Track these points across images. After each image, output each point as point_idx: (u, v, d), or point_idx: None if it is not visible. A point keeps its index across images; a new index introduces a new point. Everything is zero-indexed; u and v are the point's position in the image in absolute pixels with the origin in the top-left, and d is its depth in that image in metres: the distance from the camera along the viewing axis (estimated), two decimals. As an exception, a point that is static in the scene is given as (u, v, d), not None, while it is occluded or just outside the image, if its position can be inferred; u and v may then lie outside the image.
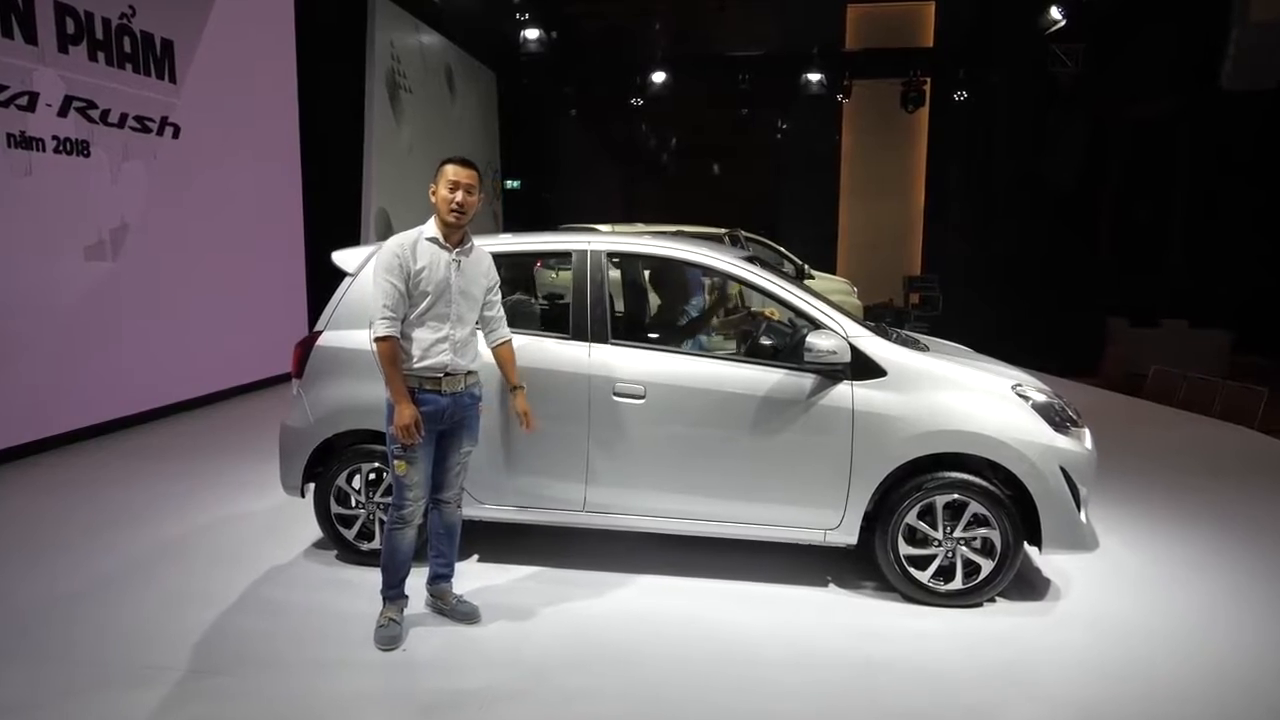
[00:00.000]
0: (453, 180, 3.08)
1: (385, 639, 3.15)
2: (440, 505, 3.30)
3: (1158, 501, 4.96)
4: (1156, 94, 12.73)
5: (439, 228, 3.11)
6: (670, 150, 16.61)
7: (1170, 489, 5.22)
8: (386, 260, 3.01)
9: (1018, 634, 3.33)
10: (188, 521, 4.46)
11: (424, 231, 3.11)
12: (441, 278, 3.07)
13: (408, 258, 3.01)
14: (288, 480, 3.91)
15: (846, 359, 3.41)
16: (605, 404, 3.60)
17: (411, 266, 3.01)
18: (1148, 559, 4.12)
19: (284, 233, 8.64)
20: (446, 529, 3.34)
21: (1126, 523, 4.56)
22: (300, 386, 3.88)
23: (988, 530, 3.46)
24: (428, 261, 3.04)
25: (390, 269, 3.00)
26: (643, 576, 3.80)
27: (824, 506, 3.55)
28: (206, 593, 3.58)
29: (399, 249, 3.02)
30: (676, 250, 3.90)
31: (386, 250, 3.04)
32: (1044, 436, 3.42)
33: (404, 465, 3.08)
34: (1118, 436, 6.10)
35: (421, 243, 3.07)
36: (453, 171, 3.09)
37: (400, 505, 3.15)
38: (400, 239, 3.07)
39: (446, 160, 3.14)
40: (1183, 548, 4.27)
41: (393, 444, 3.06)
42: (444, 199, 3.07)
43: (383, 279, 3.00)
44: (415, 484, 3.13)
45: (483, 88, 14.54)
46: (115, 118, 6.32)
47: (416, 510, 3.19)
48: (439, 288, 3.06)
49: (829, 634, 3.33)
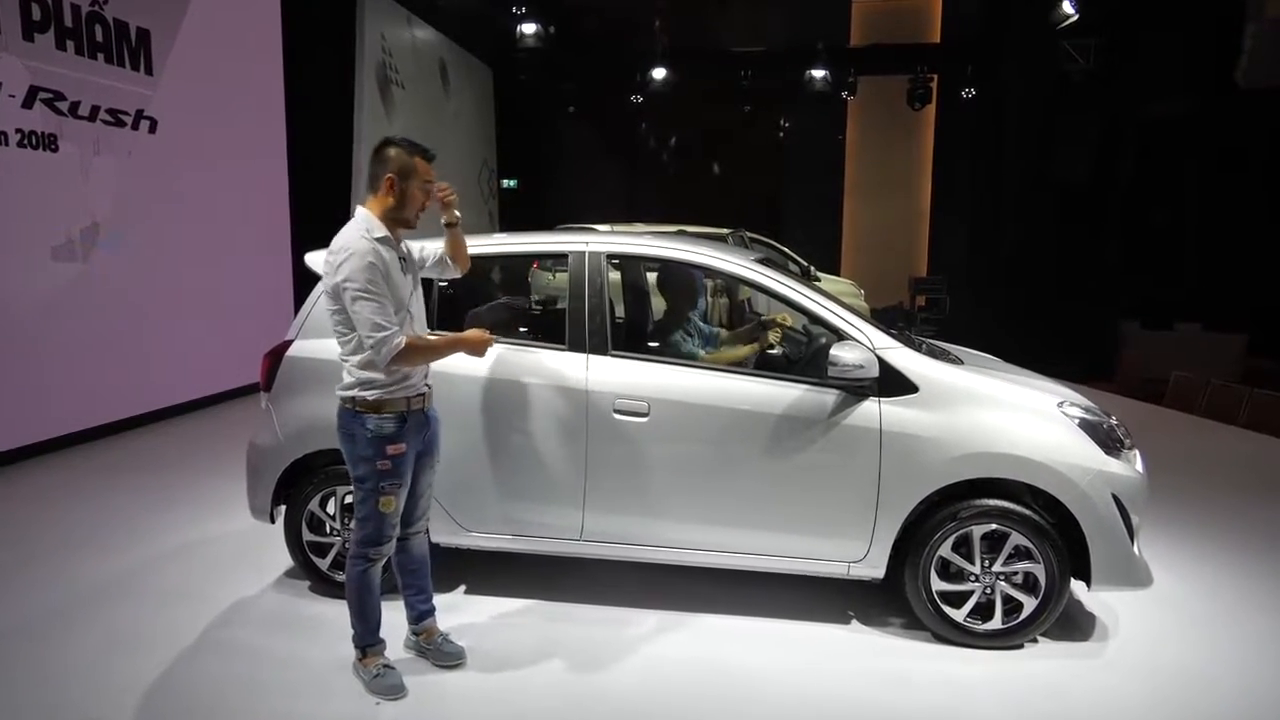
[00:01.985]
0: (427, 179, 2.72)
1: (388, 688, 2.80)
2: (410, 539, 2.95)
3: (1204, 524, 4.59)
4: (1170, 92, 12.38)
5: (388, 226, 2.71)
6: (671, 148, 16.25)
7: (1216, 510, 4.86)
8: (366, 271, 2.57)
9: (1064, 682, 2.98)
10: (148, 546, 4.10)
11: (370, 230, 2.66)
12: (403, 285, 2.73)
13: (381, 266, 2.62)
14: (255, 503, 3.56)
15: (874, 374, 3.06)
16: (604, 422, 3.25)
17: (384, 275, 2.63)
18: (1201, 592, 3.76)
19: (269, 233, 8.28)
20: (419, 562, 2.99)
21: (1173, 549, 4.18)
22: (269, 401, 3.52)
23: (1030, 564, 3.10)
24: (390, 268, 2.67)
25: (375, 280, 2.59)
26: (645, 612, 3.45)
27: (848, 536, 3.19)
28: (160, 631, 3.23)
29: (374, 256, 2.60)
30: (682, 251, 3.55)
31: (362, 259, 2.58)
32: (1094, 460, 3.07)
33: (392, 502, 2.73)
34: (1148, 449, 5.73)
35: (378, 246, 2.65)
36: (425, 169, 2.73)
37: (379, 541, 2.78)
38: (364, 243, 2.61)
39: (412, 150, 2.72)
40: (1238, 578, 3.91)
41: (380, 478, 2.69)
42: (416, 199, 2.71)
43: (369, 292, 2.57)
44: (397, 513, 2.78)
45: (478, 83, 14.18)
46: (85, 110, 5.96)
47: (393, 542, 2.84)
48: (404, 295, 2.73)
49: (853, 680, 2.98)
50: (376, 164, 2.71)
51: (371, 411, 2.67)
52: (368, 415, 2.67)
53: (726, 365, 3.72)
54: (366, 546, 2.77)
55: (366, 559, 2.78)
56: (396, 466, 2.71)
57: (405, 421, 2.71)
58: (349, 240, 2.63)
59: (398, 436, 2.70)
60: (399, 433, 2.70)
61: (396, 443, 2.69)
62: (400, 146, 2.71)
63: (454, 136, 12.95)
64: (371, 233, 2.66)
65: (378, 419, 2.67)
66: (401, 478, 2.73)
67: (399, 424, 2.70)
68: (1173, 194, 13.13)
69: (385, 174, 2.68)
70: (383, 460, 2.68)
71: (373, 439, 2.67)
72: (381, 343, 2.58)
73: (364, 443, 2.68)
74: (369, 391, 2.67)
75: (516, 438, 3.32)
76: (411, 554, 2.97)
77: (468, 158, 13.74)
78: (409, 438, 2.73)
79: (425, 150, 2.75)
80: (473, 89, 13.83)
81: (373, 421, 2.67)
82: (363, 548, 2.77)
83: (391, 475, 2.70)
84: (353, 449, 2.72)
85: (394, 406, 2.69)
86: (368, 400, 2.67)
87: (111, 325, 6.25)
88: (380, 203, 2.71)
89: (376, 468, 2.68)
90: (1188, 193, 13.08)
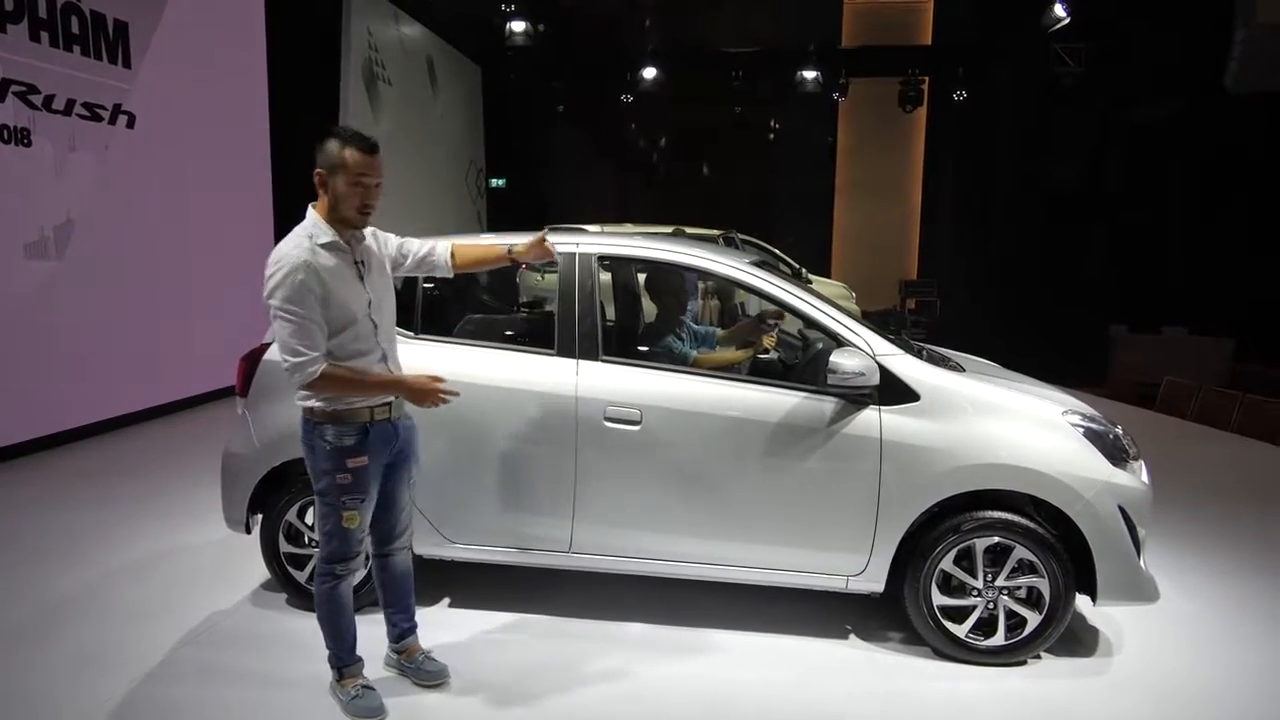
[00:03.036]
0: (358, 174, 2.44)
1: (367, 710, 2.66)
2: (393, 555, 2.80)
3: (1205, 534, 4.50)
4: (1160, 96, 12.38)
5: (335, 227, 2.48)
6: (660, 149, 16.14)
7: (1215, 519, 4.76)
8: (293, 289, 2.36)
9: (1070, 703, 2.87)
10: (118, 557, 3.94)
11: (315, 236, 2.45)
12: (357, 293, 2.51)
13: (315, 282, 2.39)
14: (231, 513, 3.42)
15: (875, 381, 2.95)
16: (595, 430, 3.12)
17: (321, 291, 2.41)
18: (1206, 606, 3.65)
19: (252, 232, 8.10)
20: (401, 578, 2.85)
21: (1176, 560, 4.08)
22: (245, 406, 3.38)
23: (1035, 579, 3.01)
24: (336, 277, 2.45)
25: (300, 299, 2.37)
26: (636, 626, 3.33)
27: (846, 549, 3.09)
28: (130, 649, 3.08)
29: (305, 273, 2.37)
30: (677, 254, 3.43)
31: (288, 276, 2.36)
32: (1101, 472, 2.98)
33: (356, 517, 2.56)
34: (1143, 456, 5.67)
35: (319, 255, 2.43)
36: (358, 163, 2.43)
37: (346, 556, 2.62)
38: (297, 256, 2.38)
39: (344, 142, 2.43)
40: (1243, 592, 3.81)
41: (341, 492, 2.54)
42: (346, 194, 2.45)
43: (292, 313, 2.37)
44: (362, 528, 2.63)
45: (467, 81, 14.02)
46: (60, 104, 5.78)
47: (363, 555, 2.70)
48: (358, 305, 2.51)
49: (851, 701, 2.86)
50: (317, 159, 2.48)
51: (330, 422, 2.51)
52: (326, 426, 2.51)
53: (720, 368, 3.64)
54: (333, 563, 2.62)
55: (334, 576, 2.63)
56: (359, 480, 2.54)
57: (368, 433, 2.54)
58: (284, 252, 2.41)
59: (359, 449, 2.52)
60: (360, 445, 2.52)
61: (357, 455, 2.51)
62: (334, 138, 2.44)
63: (442, 135, 12.78)
64: (316, 239, 2.45)
65: (337, 430, 2.50)
66: (365, 491, 2.57)
67: (360, 436, 2.53)
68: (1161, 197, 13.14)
69: (316, 169, 2.46)
70: (343, 474, 2.51)
71: (332, 451, 2.51)
72: (295, 369, 2.40)
73: (323, 455, 2.51)
74: (326, 402, 2.50)
75: (503, 446, 3.20)
76: (393, 571, 2.83)
77: (456, 157, 13.58)
78: (372, 450, 2.56)
79: (362, 140, 2.45)
80: (461, 87, 13.67)
81: (332, 433, 2.50)
82: (329, 565, 2.62)
83: (353, 489, 2.54)
84: (313, 461, 2.56)
85: (355, 417, 2.52)
86: (325, 410, 2.50)
87: (85, 325, 6.07)
88: (322, 202, 2.50)
89: (337, 481, 2.52)
90: (1176, 196, 13.10)
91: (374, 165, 2.48)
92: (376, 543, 2.78)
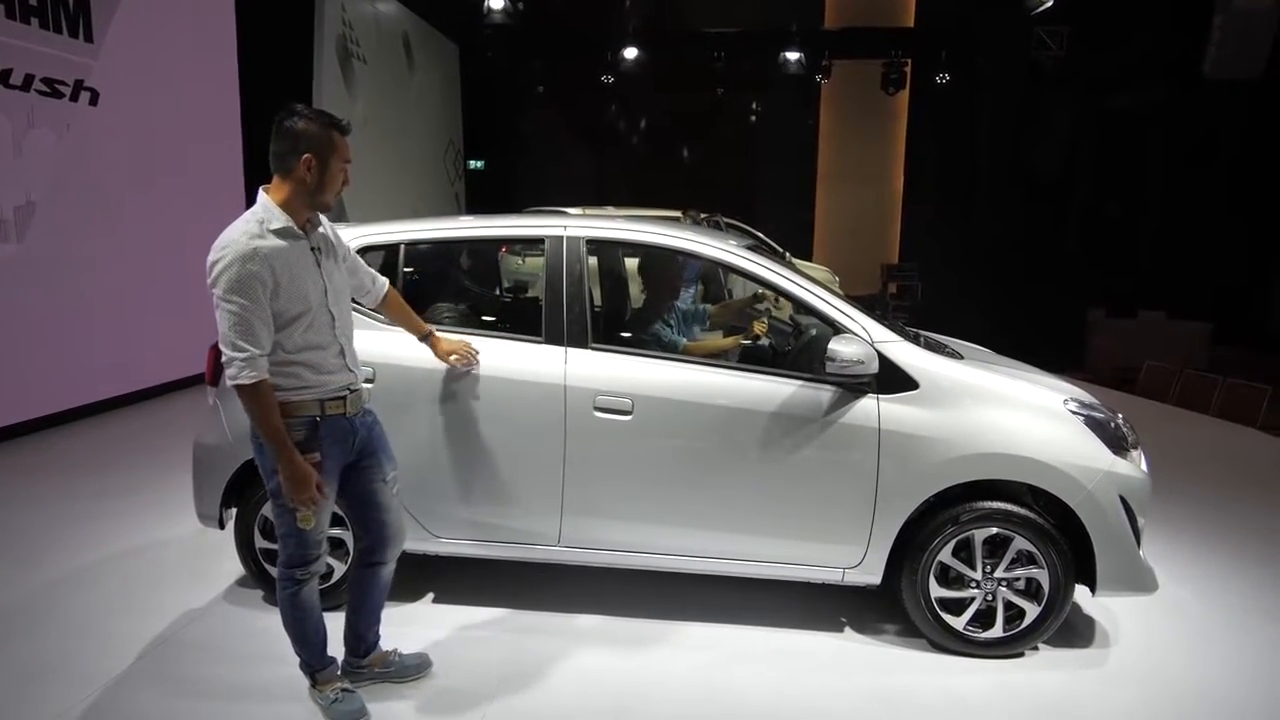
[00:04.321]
0: (346, 158, 2.34)
1: (349, 714, 2.55)
2: (384, 566, 2.65)
3: (1193, 519, 4.49)
4: (1141, 81, 12.40)
5: (290, 213, 2.30)
6: (641, 130, 15.94)
7: (1200, 503, 4.76)
8: (239, 279, 2.18)
9: (1069, 696, 2.83)
10: (80, 556, 3.76)
11: (266, 221, 2.27)
12: (313, 282, 2.34)
13: (265, 272, 2.22)
14: (203, 508, 3.27)
15: (874, 369, 2.86)
16: (585, 420, 3.01)
17: (271, 281, 2.24)
18: (1199, 593, 3.63)
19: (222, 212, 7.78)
20: (382, 590, 2.70)
21: (1166, 547, 4.05)
22: (216, 396, 3.23)
23: (1034, 569, 2.95)
24: (290, 265, 2.28)
25: (245, 290, 2.19)
26: (625, 621, 3.24)
27: (843, 541, 3.01)
28: (93, 656, 2.93)
29: (254, 262, 2.20)
30: (669, 238, 3.31)
31: (233, 264, 2.19)
32: (1103, 461, 2.92)
33: (311, 518, 2.38)
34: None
35: (269, 241, 2.25)
36: (344, 145, 2.33)
37: (305, 560, 2.46)
38: (245, 244, 2.21)
39: (329, 124, 2.30)
40: (1234, 578, 3.80)
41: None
42: (336, 177, 2.32)
43: (236, 303, 2.19)
44: (321, 529, 2.47)
45: (444, 60, 13.72)
46: (18, 79, 5.52)
47: (324, 558, 2.56)
48: (314, 294, 2.34)
49: (848, 698, 2.80)
50: (283, 140, 2.28)
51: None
52: None
53: (712, 353, 3.54)
54: (292, 568, 2.46)
55: (294, 581, 2.48)
56: None
57: (317, 428, 2.36)
58: (230, 239, 2.24)
59: (308, 445, 2.34)
60: (309, 441, 2.34)
61: (307, 452, 2.33)
62: (310, 119, 2.29)
63: (419, 114, 12.51)
64: (268, 225, 2.26)
65: (283, 424, 2.31)
66: (320, 491, 2.39)
67: (309, 430, 2.35)
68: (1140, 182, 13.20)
69: (301, 152, 2.28)
70: (277, 478, 2.33)
71: (261, 447, 2.35)
72: (229, 362, 2.22)
73: (270, 452, 2.31)
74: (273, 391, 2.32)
75: (489, 437, 3.08)
76: (377, 583, 2.66)
77: (433, 137, 13.30)
78: (325, 447, 2.38)
79: (340, 122, 2.34)
80: (438, 66, 13.38)
81: None
82: (288, 569, 2.47)
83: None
84: (261, 459, 2.39)
85: (302, 410, 2.34)
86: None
87: (46, 311, 5.84)
88: (290, 186, 2.31)
89: (279, 482, 2.34)
90: (1155, 181, 13.17)
91: (350, 148, 2.39)
92: (365, 551, 2.63)
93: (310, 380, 2.36)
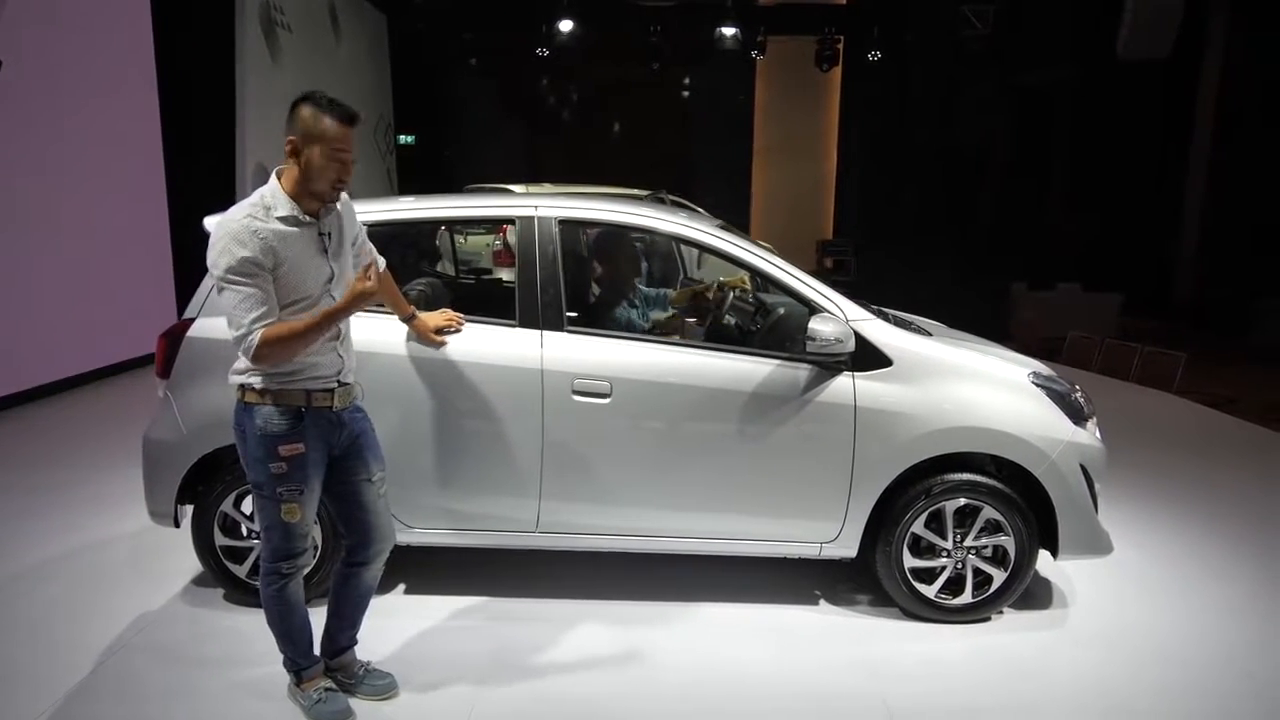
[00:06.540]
0: (338, 147, 2.22)
1: (333, 715, 2.47)
2: (366, 567, 2.55)
3: (1133, 483, 4.73)
4: (1058, 60, 12.85)
5: (298, 202, 2.24)
6: (575, 105, 15.70)
7: (1140, 467, 5.01)
8: (237, 261, 2.14)
9: (1040, 657, 2.96)
10: (19, 556, 3.53)
11: (273, 208, 2.21)
12: (316, 266, 2.29)
13: (260, 254, 2.16)
14: (156, 505, 3.11)
15: (851, 347, 2.90)
16: (562, 404, 2.97)
17: (270, 263, 2.18)
18: (1143, 552, 3.84)
19: (140, 189, 7.41)
20: (364, 595, 2.60)
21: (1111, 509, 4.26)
22: (167, 389, 3.05)
23: (1001, 537, 3.06)
24: (294, 249, 2.22)
25: (243, 269, 2.15)
26: (605, 604, 3.23)
27: (821, 516, 3.06)
28: (42, 666, 2.76)
29: (250, 244, 2.15)
30: (645, 218, 3.27)
31: (230, 246, 2.15)
32: (1064, 432, 3.04)
33: (297, 510, 2.32)
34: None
35: (270, 225, 2.19)
36: (336, 134, 2.21)
37: (291, 553, 2.38)
38: (244, 225, 2.16)
39: (321, 110, 2.21)
40: (1174, 535, 4.04)
41: (277, 483, 2.29)
42: (322, 168, 2.22)
43: (240, 281, 2.16)
44: (306, 522, 2.39)
45: (371, 31, 13.21)
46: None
47: (309, 554, 2.48)
48: (315, 281, 2.28)
49: (831, 669, 2.86)
50: (287, 125, 2.25)
51: (262, 404, 2.28)
52: (258, 407, 2.27)
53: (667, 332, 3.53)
54: (277, 561, 2.38)
55: (280, 575, 2.40)
56: (295, 470, 2.30)
57: (302, 418, 2.30)
58: (228, 220, 2.20)
59: (291, 435, 2.29)
60: (292, 431, 2.29)
61: (290, 442, 2.28)
62: (311, 104, 2.22)
63: (348, 87, 12.00)
64: (273, 210, 2.21)
65: (266, 414, 2.27)
66: (304, 483, 2.32)
67: (292, 420, 2.29)
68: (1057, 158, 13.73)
69: (287, 136, 2.23)
70: (275, 463, 2.27)
71: (262, 437, 2.27)
72: (240, 340, 2.19)
73: (254, 441, 2.27)
74: (257, 378, 2.26)
75: (464, 423, 3.01)
76: (359, 586, 2.56)
77: (363, 110, 12.79)
78: (309, 438, 2.32)
79: (342, 110, 2.23)
80: (365, 36, 12.87)
81: (261, 416, 2.27)
82: (273, 564, 2.38)
83: (289, 480, 2.29)
84: (244, 449, 2.32)
85: (288, 399, 2.28)
86: (256, 389, 2.27)
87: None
88: (289, 172, 2.26)
89: (270, 471, 2.28)
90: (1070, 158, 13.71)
91: (351, 138, 2.26)
92: (349, 551, 2.54)
93: (299, 364, 2.28)
